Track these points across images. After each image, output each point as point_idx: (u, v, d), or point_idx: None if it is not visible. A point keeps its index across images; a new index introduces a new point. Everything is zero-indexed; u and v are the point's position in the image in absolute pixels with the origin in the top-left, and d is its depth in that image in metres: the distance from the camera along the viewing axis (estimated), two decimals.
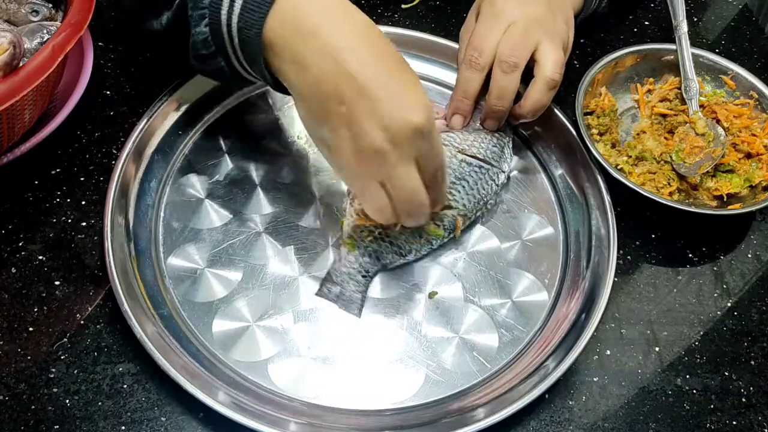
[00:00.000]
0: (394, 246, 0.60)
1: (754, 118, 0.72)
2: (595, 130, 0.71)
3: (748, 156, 0.70)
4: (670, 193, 0.67)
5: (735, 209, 0.65)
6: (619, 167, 0.68)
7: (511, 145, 0.68)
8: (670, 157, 0.69)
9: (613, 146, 0.70)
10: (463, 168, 0.63)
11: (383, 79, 0.49)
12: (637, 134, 0.72)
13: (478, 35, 0.64)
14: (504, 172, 0.66)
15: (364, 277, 0.60)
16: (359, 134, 0.49)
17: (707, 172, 0.68)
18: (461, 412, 0.54)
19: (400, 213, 0.53)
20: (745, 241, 0.68)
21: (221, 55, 0.54)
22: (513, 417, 0.52)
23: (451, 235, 0.63)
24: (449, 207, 0.62)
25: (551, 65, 0.62)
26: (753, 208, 0.65)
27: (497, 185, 0.65)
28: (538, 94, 0.63)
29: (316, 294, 0.59)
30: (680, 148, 0.69)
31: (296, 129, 0.70)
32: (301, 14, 0.50)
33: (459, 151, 0.64)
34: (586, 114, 0.71)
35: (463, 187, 0.62)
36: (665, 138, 0.71)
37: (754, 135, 0.71)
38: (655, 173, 0.68)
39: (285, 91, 0.55)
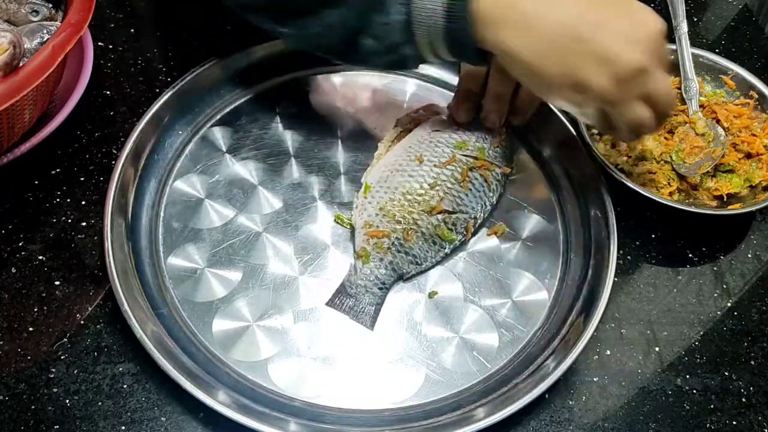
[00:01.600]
0: (409, 255, 0.60)
1: (754, 118, 0.72)
2: (595, 130, 0.71)
3: (748, 156, 0.70)
4: (670, 193, 0.67)
5: (735, 209, 0.65)
6: (619, 167, 0.68)
7: (510, 144, 0.68)
8: (670, 157, 0.69)
9: (613, 146, 0.70)
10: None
11: (609, 5, 0.52)
12: None
13: None
14: (505, 172, 0.66)
15: (380, 289, 0.59)
16: (613, 59, 0.50)
17: (707, 172, 0.68)
18: (461, 412, 0.54)
19: (664, 117, 0.55)
20: (745, 241, 0.68)
21: (411, 40, 0.55)
22: (513, 417, 0.52)
23: (463, 239, 0.63)
24: (460, 211, 0.62)
25: None
26: (753, 208, 0.65)
27: (501, 185, 0.65)
28: None
29: (327, 304, 0.59)
30: (680, 148, 0.69)
31: (295, 129, 0.70)
32: None
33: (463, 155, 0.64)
34: None
35: (470, 190, 0.63)
36: (665, 138, 0.71)
37: (754, 135, 0.71)
38: (655, 173, 0.68)
39: (484, 62, 0.56)
